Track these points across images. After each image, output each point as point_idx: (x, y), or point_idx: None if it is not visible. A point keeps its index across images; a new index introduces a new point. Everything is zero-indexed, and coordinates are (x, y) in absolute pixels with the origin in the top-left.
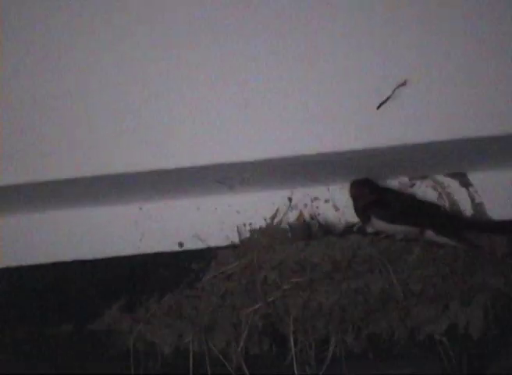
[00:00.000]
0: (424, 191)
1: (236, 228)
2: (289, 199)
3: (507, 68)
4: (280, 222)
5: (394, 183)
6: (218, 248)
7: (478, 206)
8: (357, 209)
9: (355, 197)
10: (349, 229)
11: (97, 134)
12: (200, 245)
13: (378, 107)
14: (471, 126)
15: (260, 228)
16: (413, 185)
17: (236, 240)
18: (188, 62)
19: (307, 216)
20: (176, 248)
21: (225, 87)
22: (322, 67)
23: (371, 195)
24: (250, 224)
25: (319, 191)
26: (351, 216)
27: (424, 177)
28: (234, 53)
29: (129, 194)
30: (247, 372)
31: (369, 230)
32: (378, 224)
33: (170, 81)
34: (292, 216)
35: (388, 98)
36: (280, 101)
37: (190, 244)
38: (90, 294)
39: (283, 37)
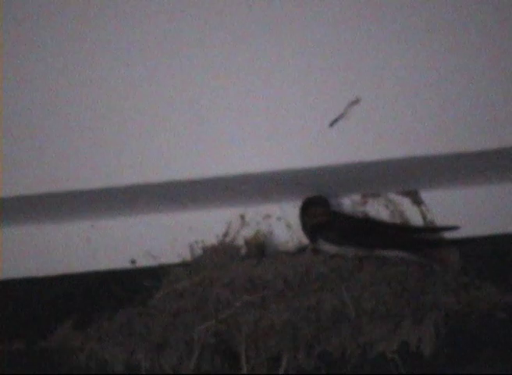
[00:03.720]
0: (377, 209)
1: (188, 245)
2: (242, 217)
3: (458, 88)
4: (232, 239)
5: (347, 201)
6: (170, 266)
7: (429, 223)
8: (306, 228)
9: (303, 215)
10: (301, 250)
11: (48, 152)
12: (152, 263)
13: (331, 125)
14: (423, 145)
15: (212, 246)
16: (365, 203)
17: (189, 257)
18: (137, 82)
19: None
20: (129, 266)
21: (175, 104)
22: (274, 85)
23: (320, 216)
24: (203, 242)
25: (271, 208)
26: (303, 234)
27: (376, 195)
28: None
29: (81, 211)
30: None
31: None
32: (325, 246)
33: (120, 101)
34: (244, 234)
35: (340, 116)
36: (232, 119)
37: (143, 262)
38: (42, 311)
39: (235, 53)
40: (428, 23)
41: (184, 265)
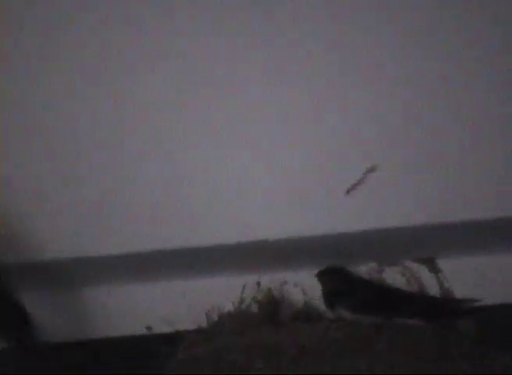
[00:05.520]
0: (393, 276)
1: (204, 312)
2: (258, 283)
3: (476, 155)
4: (248, 306)
5: (363, 268)
6: (186, 332)
7: (446, 291)
8: (324, 296)
9: (323, 284)
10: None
11: (64, 218)
12: (168, 329)
13: (348, 192)
14: (440, 212)
15: (228, 312)
16: (382, 271)
17: (205, 324)
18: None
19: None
20: (144, 332)
21: (190, 170)
22: (290, 151)
23: (338, 284)
24: (218, 308)
25: (288, 275)
26: (319, 301)
27: (392, 263)
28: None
29: (97, 277)
30: None
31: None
32: (342, 313)
33: (135, 165)
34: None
35: (357, 183)
36: (249, 184)
37: (159, 328)
38: None
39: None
40: (442, 91)
41: (200, 331)
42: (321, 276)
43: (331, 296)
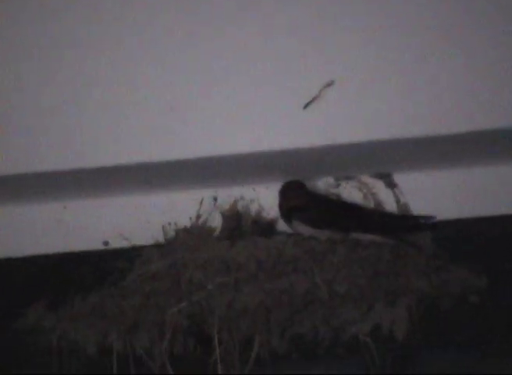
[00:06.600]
0: (350, 191)
1: (161, 227)
2: (215, 199)
3: (430, 72)
4: (205, 221)
5: (320, 183)
6: (143, 247)
7: (403, 207)
8: (282, 211)
9: (281, 198)
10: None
11: (19, 133)
12: (125, 244)
13: (305, 107)
14: (396, 128)
15: (185, 227)
16: (338, 186)
17: (162, 239)
18: (112, 65)
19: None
20: (101, 247)
21: (150, 91)
22: (248, 68)
23: (296, 199)
24: (176, 223)
25: (245, 190)
26: (277, 216)
27: (349, 178)
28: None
29: (53, 192)
30: (171, 371)
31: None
32: (300, 227)
33: (97, 81)
34: (217, 217)
35: (314, 99)
36: (205, 102)
37: (115, 243)
38: (13, 292)
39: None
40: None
41: (157, 246)
42: (280, 191)
43: (289, 211)
